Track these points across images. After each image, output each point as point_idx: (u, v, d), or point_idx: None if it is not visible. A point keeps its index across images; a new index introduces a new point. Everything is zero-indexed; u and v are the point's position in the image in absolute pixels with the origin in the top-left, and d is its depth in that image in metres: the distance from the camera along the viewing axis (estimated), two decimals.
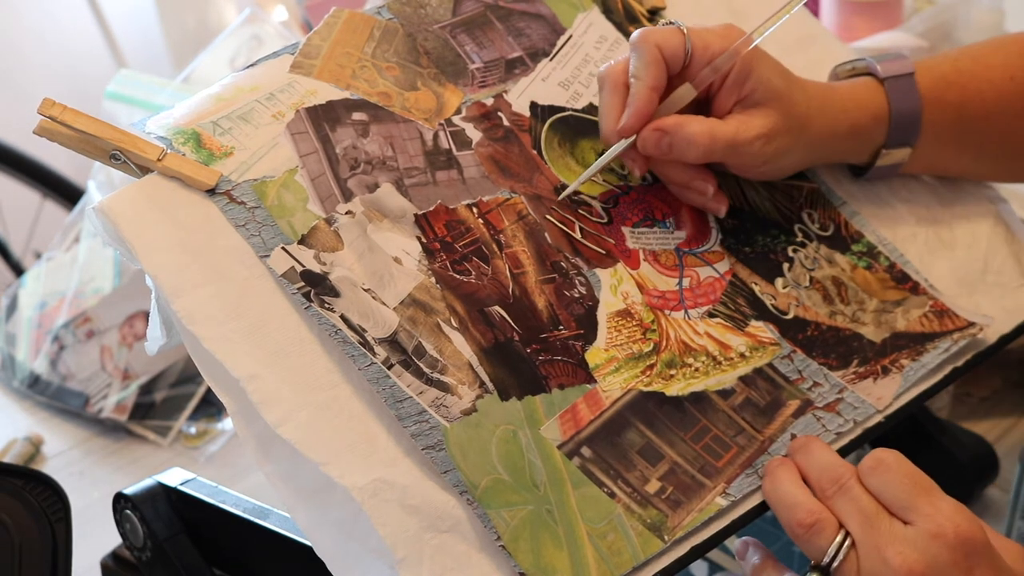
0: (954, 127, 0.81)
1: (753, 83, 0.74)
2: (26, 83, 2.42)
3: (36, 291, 1.24)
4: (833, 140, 0.78)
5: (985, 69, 0.81)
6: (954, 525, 0.58)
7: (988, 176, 0.86)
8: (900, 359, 0.75)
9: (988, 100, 0.81)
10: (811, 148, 0.77)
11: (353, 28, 0.75)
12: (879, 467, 0.61)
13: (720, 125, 0.73)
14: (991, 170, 0.85)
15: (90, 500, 1.01)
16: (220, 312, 0.62)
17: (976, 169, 0.85)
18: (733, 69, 0.73)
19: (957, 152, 0.83)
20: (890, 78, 0.79)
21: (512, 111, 0.76)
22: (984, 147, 0.83)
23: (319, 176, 0.68)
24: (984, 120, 0.81)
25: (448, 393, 0.63)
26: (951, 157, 0.83)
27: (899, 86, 0.79)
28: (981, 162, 0.84)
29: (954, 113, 0.80)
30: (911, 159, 0.81)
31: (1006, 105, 0.81)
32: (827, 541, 0.60)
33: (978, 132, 0.82)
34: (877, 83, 0.79)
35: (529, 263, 0.70)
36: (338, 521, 0.60)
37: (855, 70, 0.81)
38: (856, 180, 0.83)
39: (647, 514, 0.64)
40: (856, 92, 0.79)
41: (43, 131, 0.64)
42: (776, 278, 0.77)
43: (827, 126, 0.77)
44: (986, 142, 0.83)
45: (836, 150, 0.80)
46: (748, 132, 0.73)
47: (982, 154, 0.83)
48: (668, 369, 0.70)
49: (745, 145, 0.73)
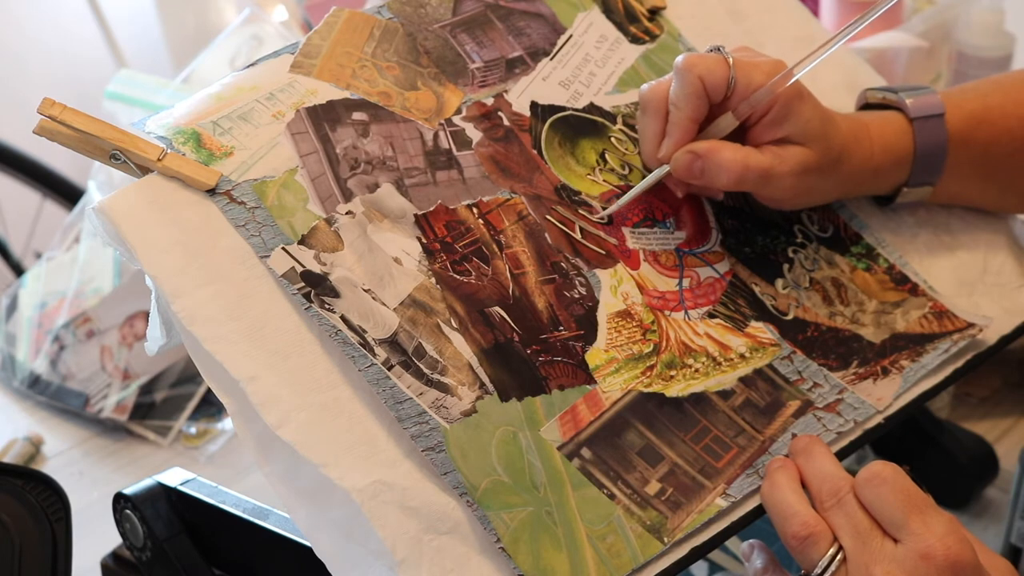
0: (980, 164, 0.80)
1: (792, 125, 0.73)
2: (26, 83, 2.41)
3: (36, 291, 1.23)
4: (861, 176, 0.78)
5: (1016, 106, 0.80)
6: (944, 546, 0.58)
7: (1014, 208, 0.85)
8: (900, 360, 0.75)
9: (1017, 137, 0.80)
10: (840, 185, 0.77)
11: (353, 27, 0.75)
12: (875, 480, 0.61)
13: (755, 154, 0.73)
14: (1017, 203, 0.84)
15: (90, 500, 1.01)
16: (220, 313, 0.62)
17: (1002, 202, 0.84)
18: (773, 108, 0.73)
19: (982, 187, 0.82)
20: (919, 118, 0.78)
21: (512, 111, 0.76)
22: (1012, 182, 0.82)
23: (319, 176, 0.68)
24: (1012, 157, 0.80)
25: (448, 394, 0.63)
26: (976, 191, 0.83)
27: (928, 127, 0.78)
28: (1007, 196, 0.83)
29: (980, 151, 0.80)
30: (934, 193, 0.81)
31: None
32: (819, 554, 0.60)
33: (1006, 168, 0.81)
34: (905, 121, 0.79)
35: (529, 264, 0.70)
36: (338, 522, 0.60)
37: (886, 100, 0.81)
38: None
39: (647, 516, 0.64)
40: (884, 131, 0.78)
41: (43, 131, 0.64)
42: (776, 279, 0.77)
43: (857, 165, 0.77)
44: (1015, 178, 0.82)
45: (861, 187, 0.80)
46: (783, 166, 0.73)
47: (1009, 189, 0.83)
48: (668, 370, 0.70)
49: (778, 179, 0.73)
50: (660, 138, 0.74)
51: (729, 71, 0.72)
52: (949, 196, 0.82)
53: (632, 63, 0.82)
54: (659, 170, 0.74)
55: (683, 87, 0.73)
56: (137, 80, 1.27)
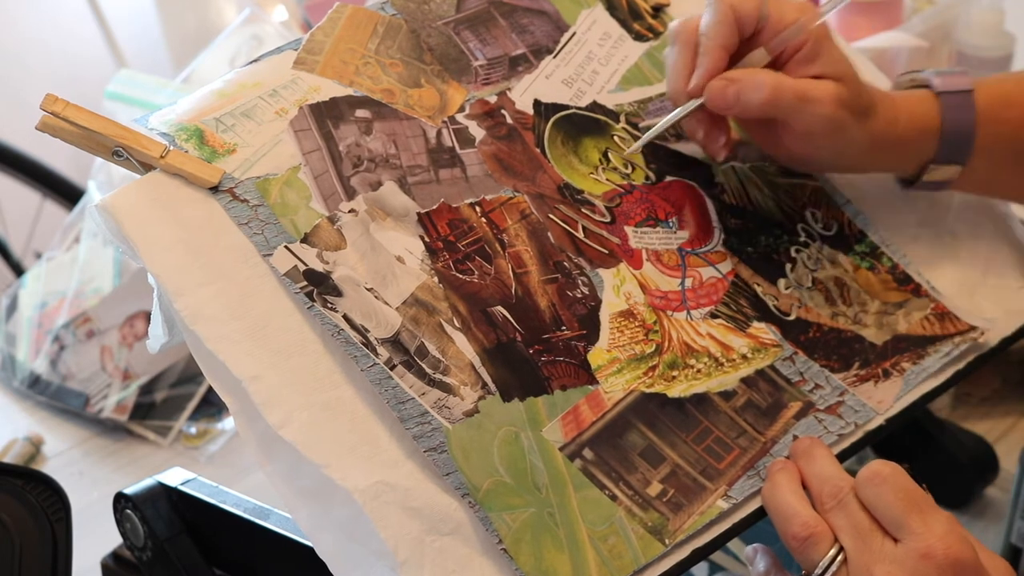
0: (1011, 147, 0.79)
1: (824, 63, 0.73)
2: (26, 83, 2.41)
3: (36, 291, 1.23)
4: (885, 141, 0.77)
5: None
6: (945, 546, 0.58)
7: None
8: (901, 362, 0.75)
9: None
10: (873, 141, 0.76)
11: (357, 24, 0.75)
12: (875, 479, 0.61)
13: (790, 78, 0.72)
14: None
15: (90, 500, 1.01)
16: (222, 312, 0.62)
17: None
18: (805, 45, 0.73)
19: (1014, 174, 0.81)
20: (946, 93, 0.78)
21: (516, 109, 0.76)
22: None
23: (322, 174, 0.68)
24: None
25: (450, 394, 0.63)
26: (1007, 179, 0.81)
27: (955, 101, 0.77)
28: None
29: (1012, 133, 0.79)
30: (963, 178, 0.80)
31: None
32: (820, 555, 0.60)
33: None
34: (933, 96, 0.78)
35: (532, 263, 0.70)
36: (340, 522, 0.60)
37: (914, 81, 0.81)
38: (859, 179, 0.83)
39: (648, 517, 0.64)
40: (909, 103, 0.78)
41: (45, 127, 0.64)
42: (779, 279, 0.77)
43: (882, 125, 0.76)
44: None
45: (887, 157, 0.79)
46: (818, 91, 0.72)
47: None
48: (670, 370, 0.70)
49: (814, 105, 0.72)
50: (689, 71, 0.73)
51: (760, 3, 0.73)
52: (978, 183, 0.81)
53: (636, 61, 0.82)
54: (688, 104, 0.73)
55: (714, 15, 0.72)
56: (137, 80, 1.27)
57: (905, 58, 1.17)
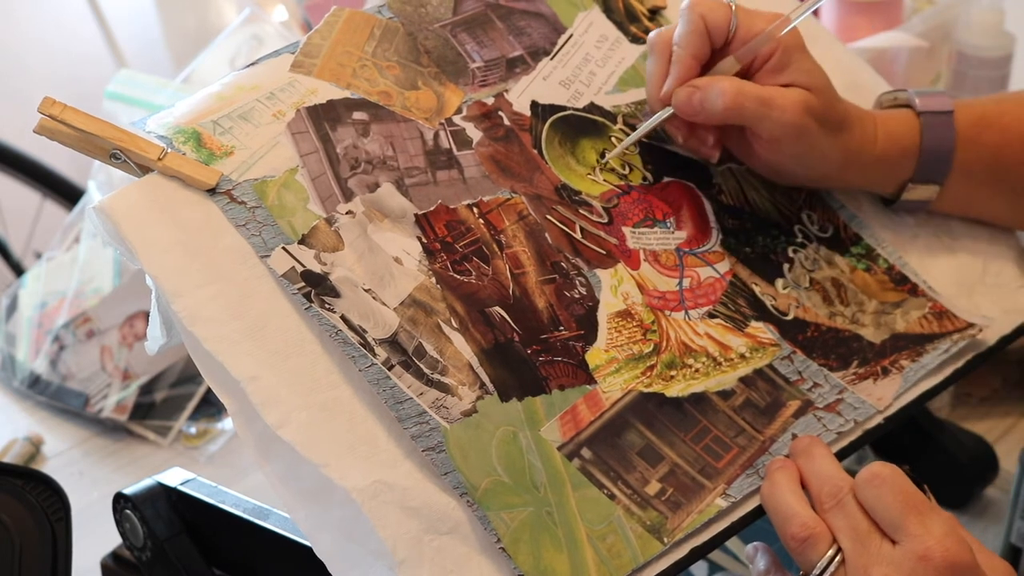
0: (989, 168, 0.80)
1: (794, 72, 0.74)
2: (26, 82, 2.41)
3: (36, 291, 1.23)
4: (863, 160, 0.77)
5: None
6: (943, 548, 0.58)
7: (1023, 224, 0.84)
8: (900, 360, 0.75)
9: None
10: (847, 156, 0.77)
11: (354, 27, 0.75)
12: (874, 480, 0.61)
13: (753, 84, 0.74)
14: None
15: (90, 500, 1.01)
16: (221, 313, 0.62)
17: (1013, 215, 0.83)
18: (775, 54, 0.74)
19: (991, 195, 0.81)
20: (927, 113, 0.79)
21: (513, 110, 0.76)
22: (1022, 192, 0.81)
23: (320, 176, 0.68)
24: (1023, 165, 0.80)
25: (448, 394, 0.63)
26: (985, 200, 0.82)
27: (935, 121, 0.78)
28: (1018, 208, 0.82)
29: (990, 154, 0.80)
30: (941, 197, 0.81)
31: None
32: (818, 555, 0.60)
33: (1016, 176, 0.81)
34: (914, 116, 0.79)
35: (529, 263, 0.70)
36: (338, 522, 0.60)
37: (897, 100, 0.81)
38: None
39: (647, 516, 0.64)
40: (889, 122, 0.79)
41: (43, 130, 0.64)
42: (776, 279, 0.77)
43: (858, 142, 0.77)
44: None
45: (865, 175, 0.79)
46: (783, 99, 0.73)
47: (1019, 199, 0.82)
48: (668, 370, 0.70)
49: (779, 111, 0.73)
50: (663, 79, 0.76)
51: (731, 14, 0.74)
52: (957, 203, 0.82)
53: (632, 63, 0.82)
54: (661, 112, 0.76)
55: (685, 25, 0.75)
56: (137, 80, 1.27)
57: (905, 58, 1.17)
